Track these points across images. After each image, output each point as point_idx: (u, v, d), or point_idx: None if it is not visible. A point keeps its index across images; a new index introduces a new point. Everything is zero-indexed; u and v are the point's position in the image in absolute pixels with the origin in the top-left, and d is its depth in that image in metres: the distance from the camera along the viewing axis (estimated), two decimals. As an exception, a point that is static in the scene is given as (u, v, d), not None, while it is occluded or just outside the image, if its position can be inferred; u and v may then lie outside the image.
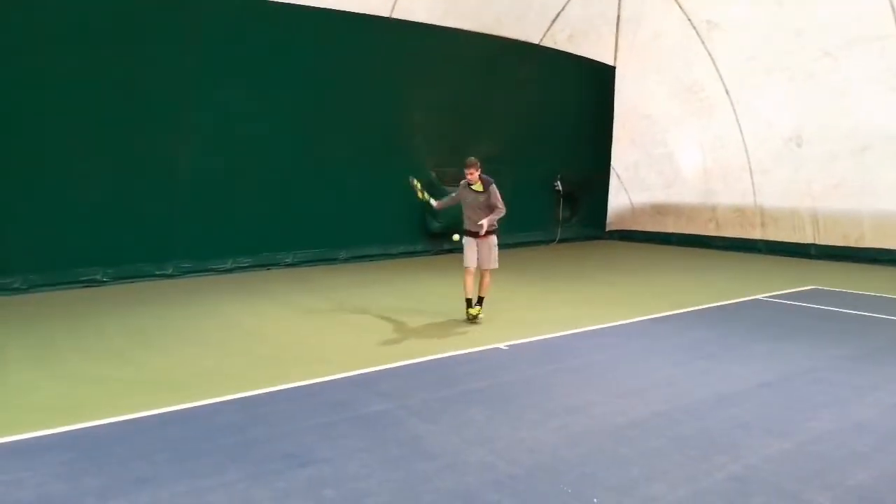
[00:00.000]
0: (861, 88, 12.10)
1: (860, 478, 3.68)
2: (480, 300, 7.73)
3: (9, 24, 9.07)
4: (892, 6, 11.11)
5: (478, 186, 7.62)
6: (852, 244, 12.87)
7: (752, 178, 14.39)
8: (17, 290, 9.23)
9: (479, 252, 7.66)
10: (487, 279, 7.75)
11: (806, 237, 13.63)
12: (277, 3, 11.28)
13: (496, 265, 7.75)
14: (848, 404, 4.88)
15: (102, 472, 3.73)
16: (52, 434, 4.27)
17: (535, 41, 15.36)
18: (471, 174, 7.58)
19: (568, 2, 14.80)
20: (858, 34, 11.71)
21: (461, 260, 7.79)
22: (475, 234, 7.65)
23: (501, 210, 7.62)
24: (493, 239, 7.74)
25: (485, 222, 7.46)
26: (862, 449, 4.07)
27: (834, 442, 4.18)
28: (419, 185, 8.29)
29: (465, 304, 7.73)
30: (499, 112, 14.78)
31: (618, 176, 17.45)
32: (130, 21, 10.04)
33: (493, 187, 7.63)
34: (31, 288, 9.34)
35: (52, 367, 5.89)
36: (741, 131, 14.26)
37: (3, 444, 4.13)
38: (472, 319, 7.59)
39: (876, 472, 3.75)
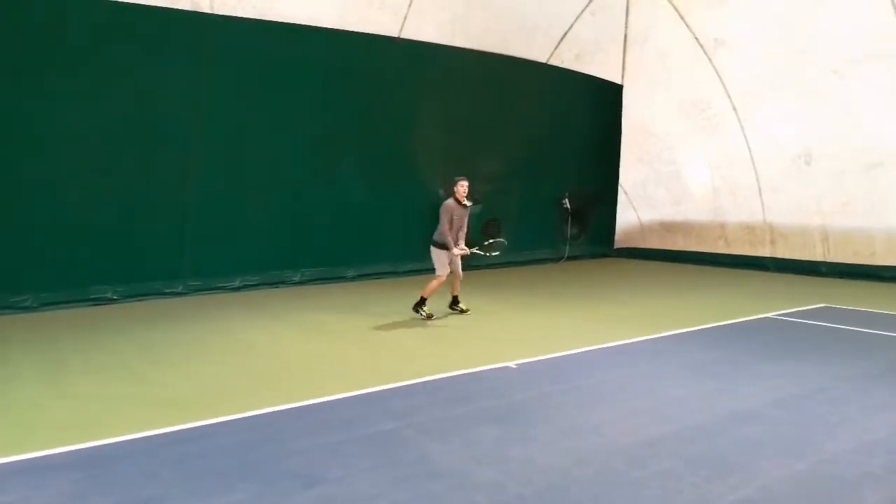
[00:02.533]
0: (870, 105, 12.08)
1: (873, 499, 3.63)
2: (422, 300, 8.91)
3: (21, 44, 9.19)
4: (900, 24, 11.12)
5: (466, 202, 8.69)
6: (863, 262, 12.78)
7: (760, 195, 14.35)
8: (28, 309, 9.27)
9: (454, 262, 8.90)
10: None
11: (816, 255, 13.55)
12: (287, 23, 11.40)
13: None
14: (860, 424, 4.82)
15: (110, 491, 3.72)
16: (61, 453, 4.27)
17: (543, 60, 15.44)
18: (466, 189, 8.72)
19: (575, 21, 14.90)
20: (866, 51, 11.72)
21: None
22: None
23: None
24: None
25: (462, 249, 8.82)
26: (875, 470, 4.01)
27: (847, 462, 4.13)
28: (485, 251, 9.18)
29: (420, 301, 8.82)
30: (507, 130, 14.83)
31: (626, 193, 17.45)
32: (143, 41, 10.16)
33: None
34: (41, 306, 9.38)
35: (62, 385, 5.90)
36: (749, 149, 14.24)
37: (11, 462, 4.12)
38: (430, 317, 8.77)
39: (889, 494, 3.70)
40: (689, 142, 15.52)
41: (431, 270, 12.64)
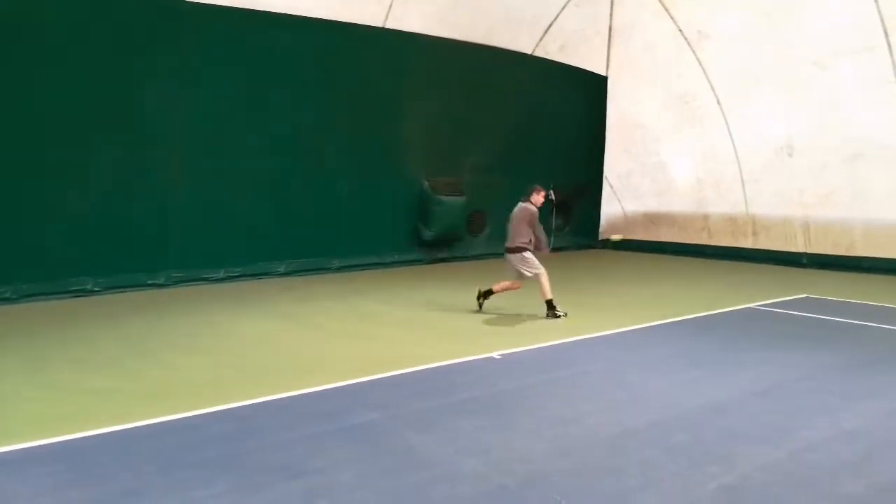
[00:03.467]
0: (851, 98, 12.20)
1: (852, 487, 3.68)
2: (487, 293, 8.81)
3: (3, 34, 9.04)
4: (881, 17, 11.22)
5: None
6: (843, 253, 12.93)
7: (743, 187, 14.46)
8: (7, 300, 9.15)
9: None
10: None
11: (797, 246, 13.69)
12: (270, 13, 11.29)
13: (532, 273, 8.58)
14: (840, 413, 4.88)
15: (89, 484, 3.69)
16: (40, 446, 4.22)
17: (528, 51, 15.43)
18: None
19: (560, 12, 14.90)
20: (848, 44, 11.82)
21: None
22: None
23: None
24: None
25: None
26: (854, 458, 4.07)
27: (826, 451, 4.18)
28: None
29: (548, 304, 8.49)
30: (492, 122, 14.81)
31: (611, 185, 17.52)
32: (126, 31, 10.03)
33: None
34: (21, 298, 9.26)
35: (42, 378, 5.83)
36: (733, 141, 14.34)
37: (-10, 455, 4.08)
38: None
39: (868, 481, 3.75)
40: (673, 134, 15.61)
41: (415, 262, 12.56)
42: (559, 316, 8.36)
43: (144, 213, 10.44)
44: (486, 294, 8.84)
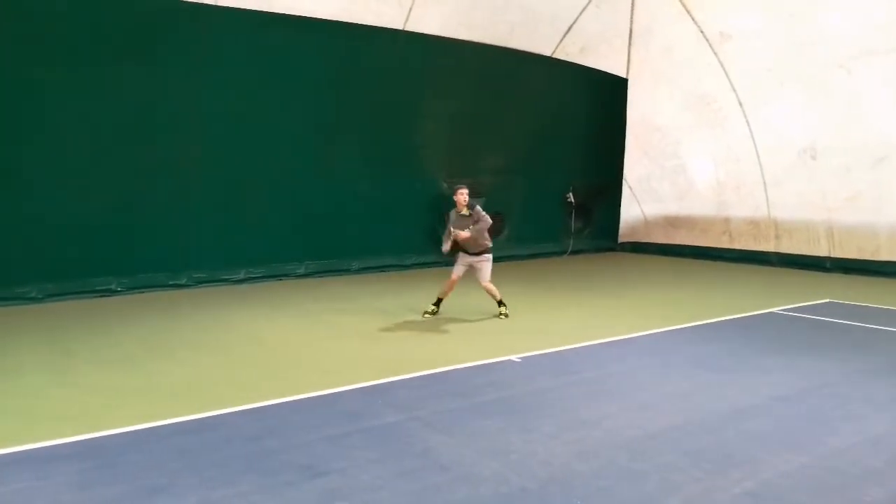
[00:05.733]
0: (875, 100, 12.02)
1: (877, 494, 3.63)
2: (499, 302, 8.61)
3: (24, 38, 9.20)
4: (907, 18, 11.06)
5: (465, 211, 8.37)
6: (868, 257, 12.74)
7: (765, 190, 14.31)
8: (32, 300, 9.31)
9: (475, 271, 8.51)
10: (490, 289, 8.54)
11: (821, 250, 13.52)
12: (292, 15, 11.38)
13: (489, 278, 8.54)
14: (864, 419, 4.82)
15: (115, 481, 3.75)
16: (66, 443, 4.30)
17: (548, 53, 15.40)
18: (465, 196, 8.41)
19: (580, 14, 14.84)
20: (872, 46, 11.66)
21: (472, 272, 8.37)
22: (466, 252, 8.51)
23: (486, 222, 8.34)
24: (483, 257, 8.47)
25: (465, 232, 8.23)
26: (878, 465, 4.02)
27: (850, 457, 4.13)
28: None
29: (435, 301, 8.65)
30: (511, 123, 14.80)
31: (630, 188, 17.41)
32: (146, 32, 10.16)
33: (477, 208, 8.39)
34: (46, 297, 9.42)
35: (67, 376, 5.93)
36: (754, 143, 14.19)
37: (16, 452, 4.15)
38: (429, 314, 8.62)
39: (892, 489, 3.70)
40: (694, 136, 15.47)
41: (434, 264, 12.67)
42: (428, 313, 8.59)
43: (166, 214, 10.56)
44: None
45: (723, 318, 8.52)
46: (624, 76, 16.51)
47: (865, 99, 12.14)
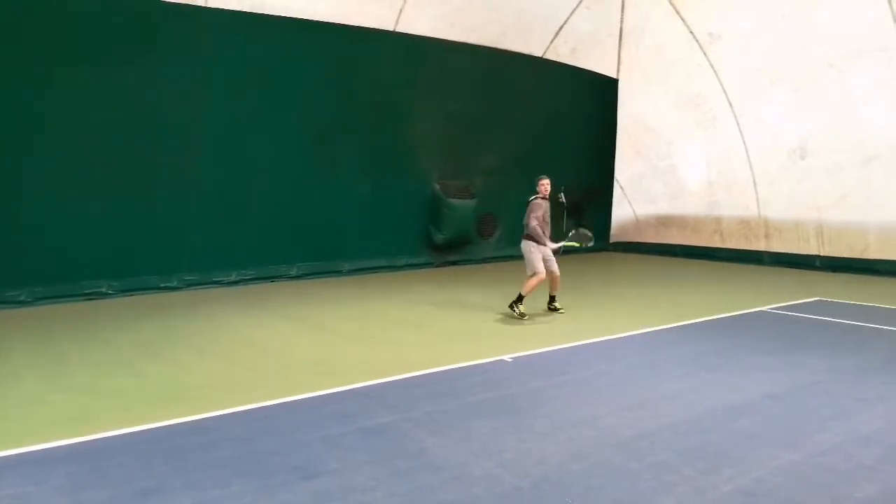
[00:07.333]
0: (866, 99, 12.10)
1: (868, 491, 3.65)
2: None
3: (21, 38, 9.16)
4: None
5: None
6: (857, 255, 12.83)
7: (756, 189, 14.38)
8: (23, 303, 9.26)
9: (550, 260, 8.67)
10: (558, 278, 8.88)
11: (811, 249, 13.60)
12: (284, 17, 11.37)
13: (529, 272, 8.56)
14: (855, 416, 4.85)
15: (107, 484, 3.73)
16: (58, 446, 4.27)
17: (539, 54, 15.43)
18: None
19: (571, 15, 14.88)
20: (863, 45, 11.74)
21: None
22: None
23: (528, 225, 8.56)
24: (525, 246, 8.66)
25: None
26: (869, 462, 4.04)
27: (842, 454, 4.15)
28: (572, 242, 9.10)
29: (518, 298, 8.54)
30: (502, 125, 14.83)
31: (622, 188, 17.47)
32: (139, 34, 10.13)
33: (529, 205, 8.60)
34: (36, 300, 9.37)
35: (58, 379, 5.89)
36: (745, 143, 14.27)
37: (8, 456, 4.13)
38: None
39: (884, 486, 3.72)
40: (685, 136, 15.55)
41: (426, 265, 12.61)
42: (515, 314, 8.40)
43: (157, 216, 10.53)
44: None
45: (714, 317, 8.56)
46: (615, 76, 16.57)
47: (855, 98, 12.22)
